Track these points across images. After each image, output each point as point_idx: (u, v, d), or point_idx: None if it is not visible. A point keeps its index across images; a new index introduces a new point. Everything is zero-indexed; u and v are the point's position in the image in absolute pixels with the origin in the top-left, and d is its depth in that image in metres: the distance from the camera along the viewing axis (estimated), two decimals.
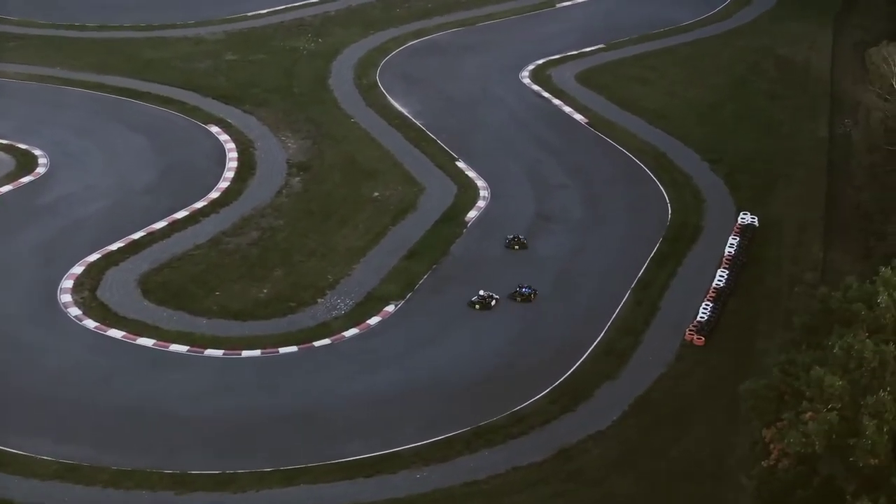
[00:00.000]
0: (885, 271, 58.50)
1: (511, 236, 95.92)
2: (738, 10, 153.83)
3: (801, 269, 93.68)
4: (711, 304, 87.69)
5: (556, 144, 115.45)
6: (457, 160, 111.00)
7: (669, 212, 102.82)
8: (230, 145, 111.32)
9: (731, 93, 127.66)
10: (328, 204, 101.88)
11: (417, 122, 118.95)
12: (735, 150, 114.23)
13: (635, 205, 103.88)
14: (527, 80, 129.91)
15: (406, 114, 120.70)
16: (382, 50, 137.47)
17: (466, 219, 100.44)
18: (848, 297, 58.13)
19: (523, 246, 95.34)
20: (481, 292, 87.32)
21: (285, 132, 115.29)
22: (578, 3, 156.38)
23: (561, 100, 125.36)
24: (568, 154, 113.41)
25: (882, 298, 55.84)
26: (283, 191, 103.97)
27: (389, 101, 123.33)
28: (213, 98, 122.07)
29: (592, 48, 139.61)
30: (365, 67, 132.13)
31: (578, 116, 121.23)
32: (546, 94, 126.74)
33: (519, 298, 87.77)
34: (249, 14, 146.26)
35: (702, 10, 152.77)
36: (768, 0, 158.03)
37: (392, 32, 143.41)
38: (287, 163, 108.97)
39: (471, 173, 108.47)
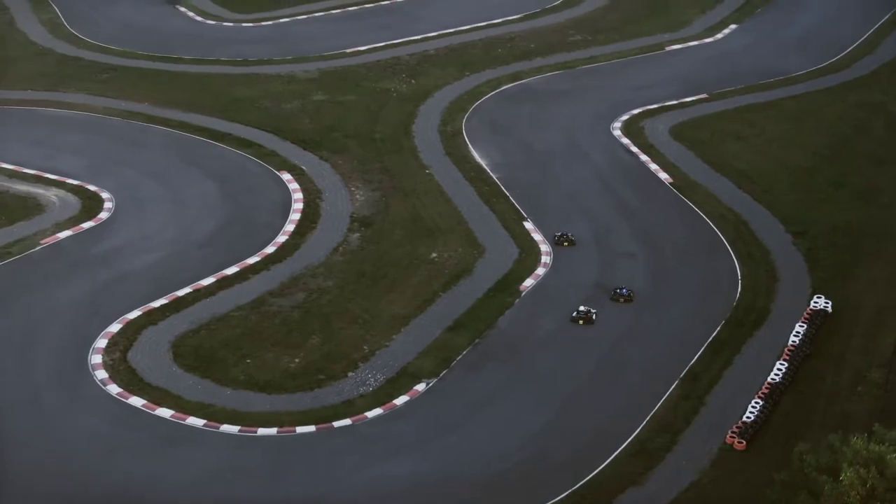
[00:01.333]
0: (854, 441, 53.14)
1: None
2: (859, 59, 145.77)
3: (868, 365, 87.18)
4: (762, 403, 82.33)
5: (633, 206, 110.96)
6: (525, 220, 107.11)
7: (738, 290, 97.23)
8: (298, 195, 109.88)
9: (832, 155, 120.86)
10: (382, 265, 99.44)
11: (494, 176, 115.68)
12: (824, 221, 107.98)
13: (704, 281, 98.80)
14: (617, 132, 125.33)
15: (484, 165, 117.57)
16: (474, 94, 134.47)
17: (521, 287, 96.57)
18: (817, 464, 53.00)
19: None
20: None
21: (356, 182, 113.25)
22: (690, 47, 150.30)
23: (649, 155, 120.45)
24: (644, 217, 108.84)
25: (845, 476, 50.58)
26: (340, 248, 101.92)
27: (470, 152, 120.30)
28: (293, 142, 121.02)
29: (694, 98, 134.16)
30: (452, 113, 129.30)
31: (664, 175, 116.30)
32: (634, 149, 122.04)
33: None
34: (348, 51, 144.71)
35: (821, 58, 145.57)
36: (893, 48, 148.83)
37: (488, 74, 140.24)
38: (350, 217, 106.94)
39: (537, 235, 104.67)
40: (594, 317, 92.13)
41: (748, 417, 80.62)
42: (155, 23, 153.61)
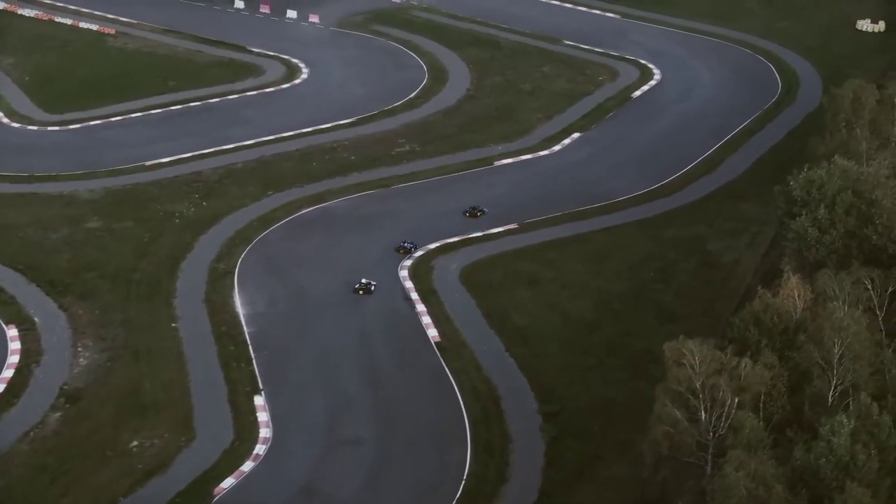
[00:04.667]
0: None
1: None
2: (696, 180, 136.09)
3: None
4: None
5: (387, 373, 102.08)
6: (259, 392, 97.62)
7: (458, 493, 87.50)
8: (14, 358, 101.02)
9: (622, 308, 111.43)
10: (69, 457, 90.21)
11: (247, 331, 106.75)
12: (584, 396, 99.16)
13: (424, 482, 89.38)
14: (405, 272, 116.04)
15: (241, 316, 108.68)
16: (266, 220, 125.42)
17: (216, 491, 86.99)
18: None
19: None
20: None
21: (88, 340, 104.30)
22: (521, 162, 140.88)
23: (427, 304, 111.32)
24: (392, 389, 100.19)
25: None
26: (32, 433, 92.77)
27: (233, 298, 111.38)
28: (40, 284, 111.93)
29: (501, 229, 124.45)
30: (233, 245, 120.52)
31: (434, 332, 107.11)
32: (415, 295, 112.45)
33: None
34: (147, 164, 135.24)
35: (655, 177, 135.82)
36: (735, 168, 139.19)
37: (292, 194, 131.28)
38: (61, 389, 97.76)
39: (262, 415, 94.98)
40: None
41: None
42: None
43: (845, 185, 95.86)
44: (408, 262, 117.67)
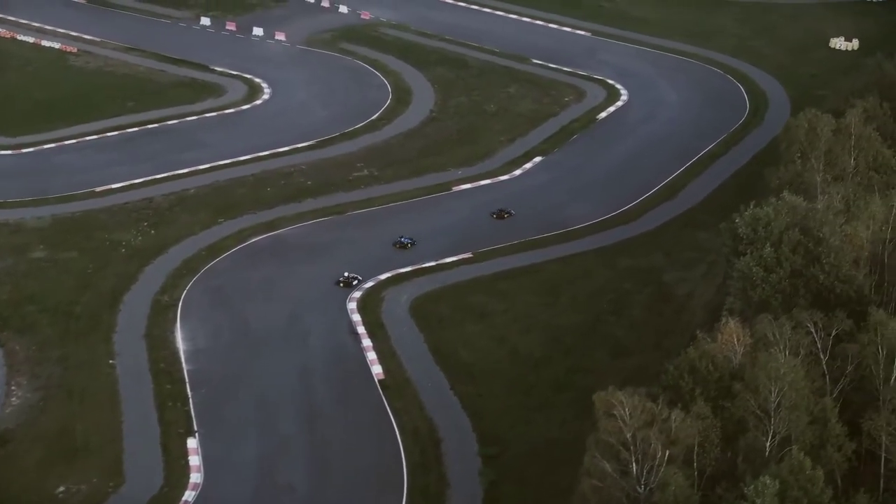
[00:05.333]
0: None
1: None
2: (655, 207, 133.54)
3: None
4: None
5: (326, 413, 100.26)
6: (193, 434, 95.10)
7: None
8: None
9: (572, 343, 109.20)
10: None
11: (186, 367, 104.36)
12: (527, 438, 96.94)
13: None
14: (353, 304, 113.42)
15: (181, 352, 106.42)
16: (216, 249, 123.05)
17: None
18: None
19: None
20: None
21: (22, 377, 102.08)
22: (479, 188, 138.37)
23: (373, 339, 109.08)
24: (331, 431, 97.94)
25: None
26: None
27: (174, 333, 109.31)
28: None
29: (455, 258, 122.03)
30: (179, 276, 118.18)
31: (378, 369, 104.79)
32: (361, 329, 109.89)
33: None
34: (98, 190, 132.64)
35: (615, 203, 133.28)
36: (695, 194, 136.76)
37: (244, 221, 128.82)
38: None
39: (194, 459, 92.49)
40: None
41: None
42: None
43: (793, 222, 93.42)
44: (358, 293, 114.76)
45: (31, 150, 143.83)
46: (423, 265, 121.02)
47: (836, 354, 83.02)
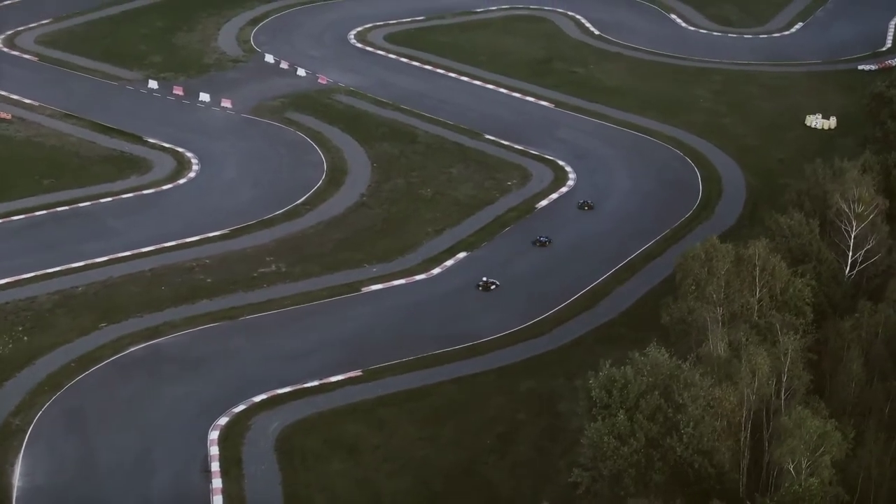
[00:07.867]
0: None
1: None
2: (574, 318, 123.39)
3: None
4: None
5: None
6: None
7: None
8: None
9: (441, 489, 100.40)
10: None
11: None
12: None
13: None
14: (214, 434, 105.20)
15: (14, 489, 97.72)
16: (87, 361, 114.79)
17: None
18: None
19: None
20: None
21: None
22: (391, 288, 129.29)
23: (225, 479, 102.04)
24: None
25: None
26: None
27: (14, 466, 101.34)
28: None
29: (343, 377, 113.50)
30: (38, 394, 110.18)
31: None
32: (216, 467, 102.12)
33: None
34: None
35: (532, 313, 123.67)
36: (617, 305, 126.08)
37: (128, 326, 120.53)
38: None
39: None
40: None
41: None
42: None
43: (654, 384, 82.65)
44: (224, 420, 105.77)
45: None
46: (305, 385, 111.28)
47: None
